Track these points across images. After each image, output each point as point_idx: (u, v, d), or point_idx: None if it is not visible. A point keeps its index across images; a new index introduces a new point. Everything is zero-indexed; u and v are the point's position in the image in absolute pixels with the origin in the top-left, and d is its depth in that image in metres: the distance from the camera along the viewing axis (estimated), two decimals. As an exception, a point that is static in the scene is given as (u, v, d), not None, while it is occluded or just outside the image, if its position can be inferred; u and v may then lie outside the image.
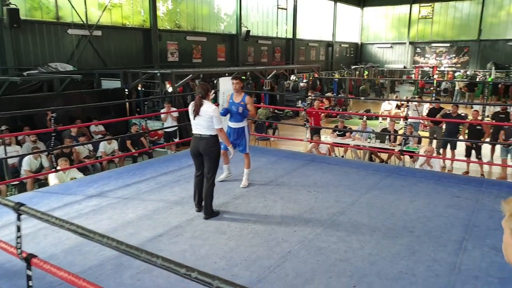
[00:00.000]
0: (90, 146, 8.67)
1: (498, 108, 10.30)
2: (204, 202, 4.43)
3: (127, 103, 12.03)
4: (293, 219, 4.39)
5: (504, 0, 26.89)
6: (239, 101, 5.35)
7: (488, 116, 12.33)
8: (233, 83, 5.37)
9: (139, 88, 12.91)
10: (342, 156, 10.13)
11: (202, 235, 4.02)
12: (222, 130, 4.47)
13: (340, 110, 17.81)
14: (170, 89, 13.19)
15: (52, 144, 5.64)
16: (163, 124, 10.47)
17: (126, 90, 11.98)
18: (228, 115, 5.46)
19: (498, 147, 9.39)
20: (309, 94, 15.93)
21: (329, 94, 21.11)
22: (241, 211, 4.64)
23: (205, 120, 4.30)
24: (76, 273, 3.35)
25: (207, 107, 4.32)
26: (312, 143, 9.15)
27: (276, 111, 15.93)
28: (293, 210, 4.66)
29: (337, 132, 10.62)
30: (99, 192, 5.23)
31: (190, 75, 12.98)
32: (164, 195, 5.16)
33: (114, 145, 8.87)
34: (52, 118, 5.52)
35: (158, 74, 12.12)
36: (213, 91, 4.80)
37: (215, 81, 12.32)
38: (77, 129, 8.73)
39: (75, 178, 6.40)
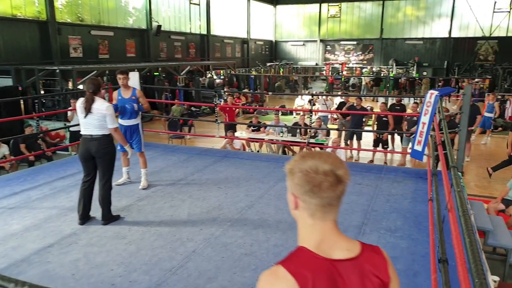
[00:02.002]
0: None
1: (394, 101, 11.10)
2: (101, 207, 4.09)
3: (21, 103, 10.86)
4: (201, 217, 4.25)
5: (401, 3, 29.41)
6: (129, 96, 5.07)
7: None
8: (119, 78, 5.02)
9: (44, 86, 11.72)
10: (258, 151, 10.20)
11: (99, 242, 3.71)
12: (118, 130, 4.16)
13: (257, 106, 18.02)
14: (81, 86, 12.07)
15: None
16: (65, 124, 9.61)
17: (20, 88, 10.82)
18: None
19: (398, 136, 10.15)
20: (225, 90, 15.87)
21: (245, 90, 21.28)
22: (145, 213, 4.38)
23: (97, 119, 3.96)
24: None
25: (100, 104, 3.97)
26: (226, 139, 9.08)
27: (192, 108, 15.62)
28: (201, 208, 4.51)
29: (251, 128, 10.68)
30: (-22, 203, 4.59)
31: (95, 71, 12.14)
32: (59, 201, 4.70)
33: (4, 149, 7.92)
34: None
35: (58, 71, 11.14)
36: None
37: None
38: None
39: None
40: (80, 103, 4.02)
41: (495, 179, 8.34)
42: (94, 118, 3.95)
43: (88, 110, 3.92)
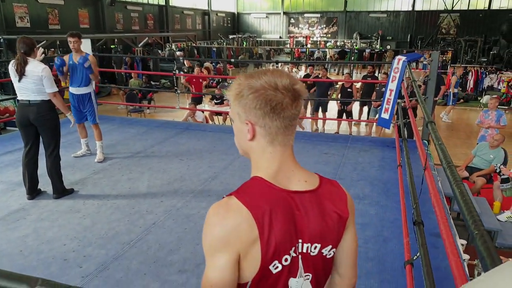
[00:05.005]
0: None
1: (366, 72, 11.06)
2: (52, 180, 3.78)
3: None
4: (161, 189, 4.03)
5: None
6: (79, 61, 4.65)
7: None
8: (70, 42, 4.57)
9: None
10: (222, 125, 9.94)
11: (50, 216, 3.44)
12: (57, 95, 3.76)
13: (220, 80, 17.61)
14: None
15: None
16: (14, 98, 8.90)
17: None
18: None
19: (365, 109, 10.17)
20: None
21: (208, 64, 20.74)
22: (101, 186, 4.10)
23: (33, 83, 3.58)
24: None
25: (34, 66, 3.58)
26: (188, 112, 8.75)
27: (151, 82, 15.02)
28: (161, 180, 4.28)
29: (214, 100, 10.35)
30: None
31: (44, 42, 11.30)
32: (5, 176, 4.34)
33: None
34: None
35: (2, 40, 10.28)
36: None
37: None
38: None
39: None
40: (11, 65, 3.62)
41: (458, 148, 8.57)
42: (29, 82, 3.58)
43: (21, 73, 3.53)
